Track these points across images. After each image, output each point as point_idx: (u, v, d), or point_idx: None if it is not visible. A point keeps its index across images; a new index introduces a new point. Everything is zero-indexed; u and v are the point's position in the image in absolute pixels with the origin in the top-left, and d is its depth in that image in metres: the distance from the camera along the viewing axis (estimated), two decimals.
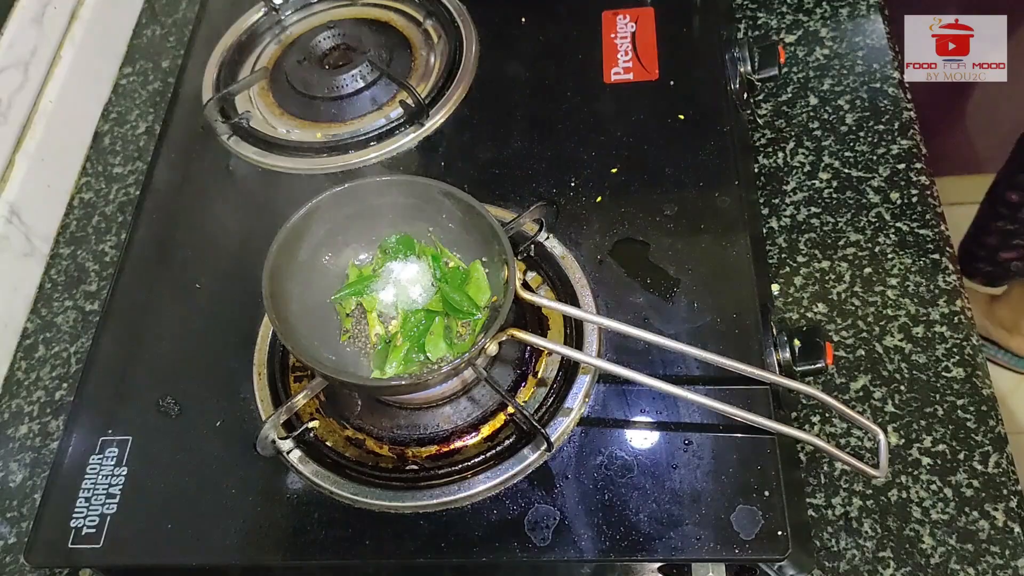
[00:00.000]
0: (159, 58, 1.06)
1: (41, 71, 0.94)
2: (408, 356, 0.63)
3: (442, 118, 0.84)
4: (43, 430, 0.81)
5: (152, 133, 0.99)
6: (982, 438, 0.67)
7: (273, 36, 0.96)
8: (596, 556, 0.58)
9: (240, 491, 0.65)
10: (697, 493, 0.59)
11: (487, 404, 0.66)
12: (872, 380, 0.71)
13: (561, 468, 0.62)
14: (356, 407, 0.67)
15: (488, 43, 0.88)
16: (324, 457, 0.65)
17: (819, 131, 0.84)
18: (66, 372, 0.84)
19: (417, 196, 0.66)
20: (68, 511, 0.65)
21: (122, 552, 0.64)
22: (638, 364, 0.64)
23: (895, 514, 0.66)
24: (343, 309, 0.67)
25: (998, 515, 0.64)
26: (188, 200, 0.84)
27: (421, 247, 0.68)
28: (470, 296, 0.64)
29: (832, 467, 0.68)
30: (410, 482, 0.63)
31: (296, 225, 0.63)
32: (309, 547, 0.62)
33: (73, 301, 0.89)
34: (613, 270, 0.70)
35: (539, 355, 0.67)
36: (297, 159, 0.84)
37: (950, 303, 0.74)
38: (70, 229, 0.94)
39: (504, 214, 0.73)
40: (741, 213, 0.70)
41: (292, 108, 0.88)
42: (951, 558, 0.63)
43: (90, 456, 0.68)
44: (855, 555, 0.65)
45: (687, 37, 0.83)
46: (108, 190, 0.96)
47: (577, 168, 0.76)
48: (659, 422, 0.63)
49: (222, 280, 0.77)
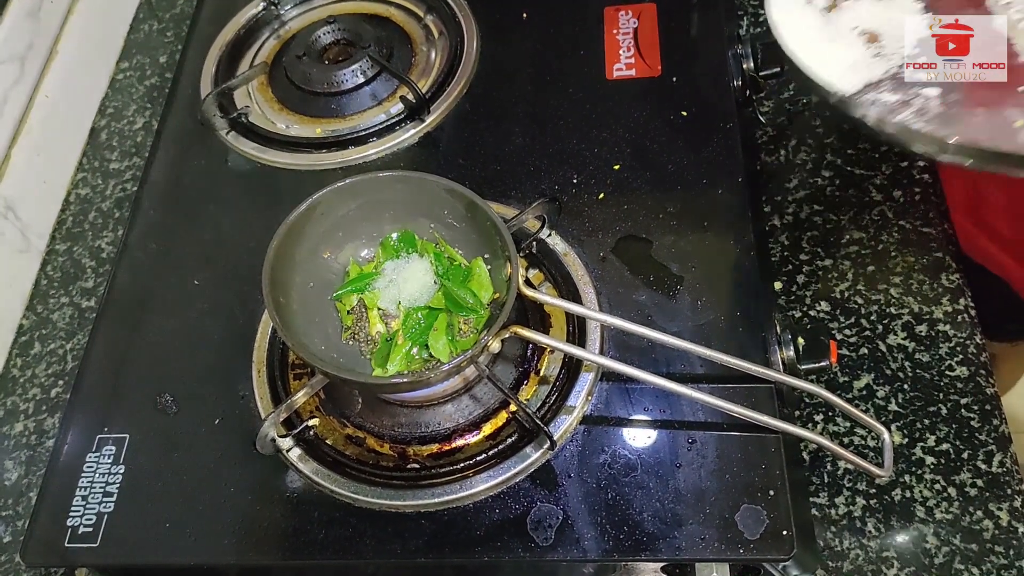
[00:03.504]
0: (156, 53, 1.06)
1: (37, 66, 0.93)
2: (410, 354, 0.62)
3: (443, 114, 0.83)
4: (39, 428, 0.80)
5: (149, 128, 0.98)
6: (986, 437, 0.67)
7: (272, 31, 0.95)
8: (599, 556, 0.58)
9: (239, 490, 0.64)
10: (701, 492, 0.59)
11: (489, 402, 0.65)
12: (875, 379, 0.71)
13: (564, 467, 0.61)
14: (357, 405, 0.67)
15: (489, 38, 0.88)
16: (324, 455, 0.65)
17: (821, 128, 0.84)
18: (62, 369, 0.84)
19: (418, 192, 0.66)
20: (64, 510, 0.65)
21: (119, 551, 0.63)
22: (641, 362, 0.64)
23: (899, 513, 0.65)
24: (344, 306, 0.66)
25: (1002, 515, 0.64)
26: (186, 196, 0.83)
27: (423, 243, 0.67)
28: (474, 292, 0.63)
29: (836, 466, 0.68)
30: (411, 481, 0.63)
31: (296, 221, 0.63)
32: (309, 547, 0.61)
33: (69, 297, 0.88)
34: (616, 267, 0.70)
35: (541, 353, 0.67)
36: (296, 155, 0.83)
37: (953, 301, 0.73)
38: (66, 225, 0.93)
39: (506, 211, 0.72)
40: (744, 210, 0.70)
41: (291, 103, 0.87)
42: (955, 558, 0.63)
43: (87, 454, 0.67)
44: (859, 555, 0.64)
45: (690, 34, 0.83)
46: (105, 186, 0.95)
47: (579, 165, 0.76)
48: (662, 420, 0.62)
49: (220, 277, 0.76)
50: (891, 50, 0.63)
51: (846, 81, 0.61)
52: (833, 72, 0.62)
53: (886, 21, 0.65)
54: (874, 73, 0.62)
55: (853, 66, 0.62)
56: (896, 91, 0.60)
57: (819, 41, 0.64)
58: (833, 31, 0.64)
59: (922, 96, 0.60)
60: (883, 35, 0.64)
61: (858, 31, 0.64)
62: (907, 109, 0.59)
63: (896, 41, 0.63)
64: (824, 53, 0.63)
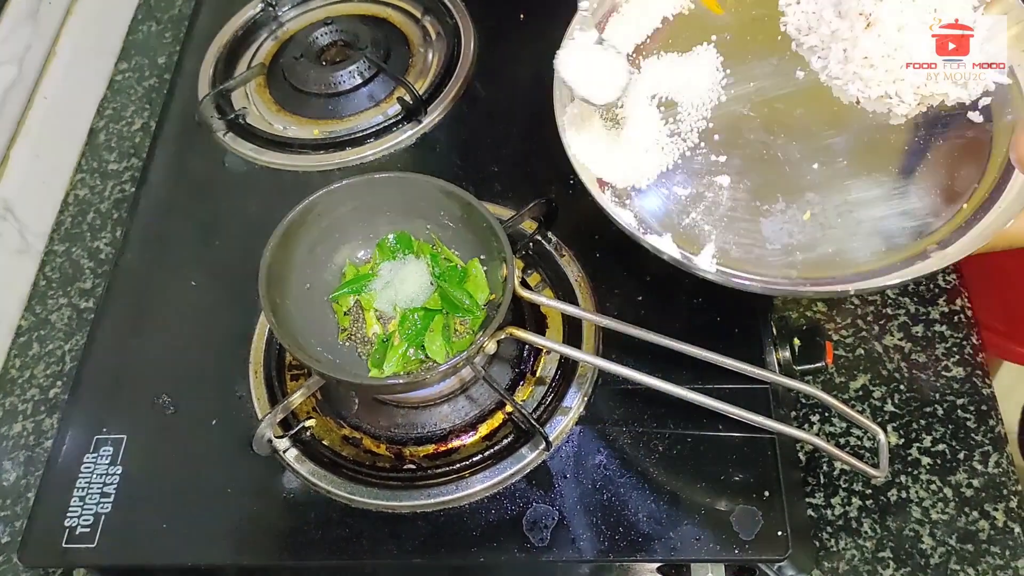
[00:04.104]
0: (155, 54, 1.06)
1: (36, 66, 0.93)
2: (406, 355, 0.62)
3: (440, 115, 0.83)
4: (37, 428, 0.80)
5: (148, 129, 0.98)
6: (982, 438, 0.67)
7: (270, 32, 0.95)
8: (595, 556, 0.58)
9: (236, 490, 0.64)
10: (696, 493, 0.59)
11: (485, 403, 0.65)
12: (872, 379, 0.71)
13: (560, 467, 0.61)
14: (353, 406, 0.67)
15: (486, 39, 0.88)
16: (321, 456, 0.65)
17: None
18: (60, 370, 0.84)
19: (415, 193, 0.66)
20: (62, 510, 0.65)
21: (116, 552, 0.63)
22: (637, 363, 0.63)
23: (895, 514, 0.65)
24: (340, 307, 0.66)
25: (998, 515, 0.64)
26: (184, 197, 0.83)
27: (419, 245, 0.67)
28: (470, 293, 0.63)
29: (831, 467, 0.68)
30: (407, 481, 0.63)
31: (293, 222, 0.63)
32: (305, 547, 0.61)
33: (68, 298, 0.88)
34: (612, 268, 0.70)
35: (538, 354, 0.67)
36: (294, 156, 0.83)
37: (950, 302, 0.73)
38: (65, 226, 0.93)
39: (502, 211, 0.72)
40: None
41: (289, 104, 0.88)
42: (951, 558, 0.63)
43: (84, 455, 0.67)
44: (854, 555, 0.64)
45: None
46: (103, 187, 0.95)
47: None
48: (658, 421, 0.62)
49: (218, 278, 0.77)
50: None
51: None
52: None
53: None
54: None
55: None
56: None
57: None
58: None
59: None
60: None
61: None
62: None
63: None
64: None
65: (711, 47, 0.66)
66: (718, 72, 0.65)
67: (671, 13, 0.68)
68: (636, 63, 0.66)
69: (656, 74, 0.65)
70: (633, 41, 0.68)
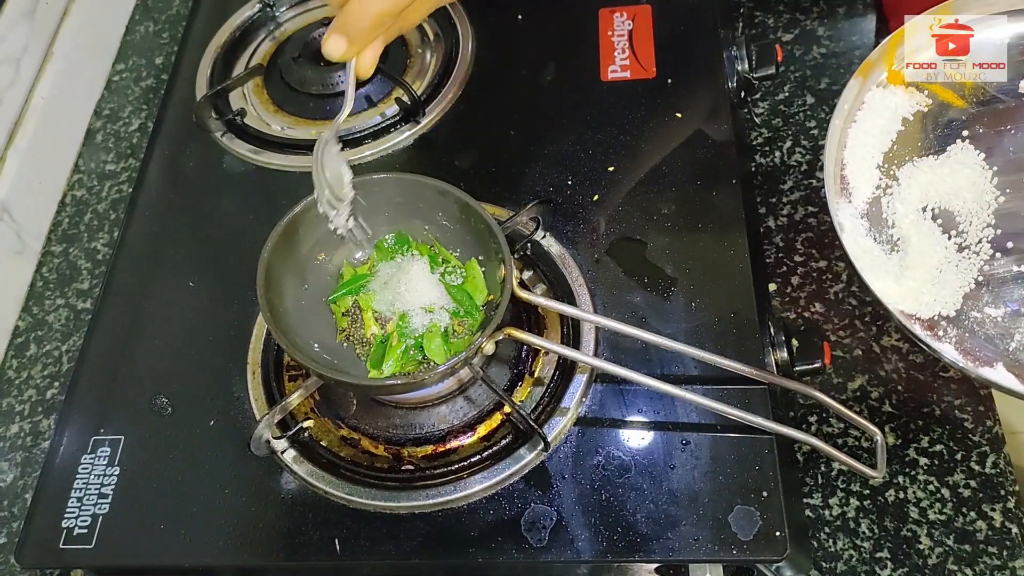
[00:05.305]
0: (152, 54, 1.06)
1: (33, 67, 0.93)
2: (405, 355, 0.62)
3: (438, 116, 0.83)
4: (34, 429, 0.80)
5: (145, 130, 0.98)
6: (979, 438, 0.67)
7: (268, 32, 0.95)
8: (593, 557, 0.58)
9: (234, 491, 0.64)
10: (695, 493, 0.59)
11: (483, 404, 0.65)
12: (869, 380, 0.71)
13: (558, 468, 0.61)
14: (351, 406, 0.67)
15: (484, 40, 0.88)
16: (319, 457, 0.65)
17: (816, 130, 0.84)
18: (58, 371, 0.83)
19: (413, 194, 0.66)
20: (59, 511, 0.65)
21: (114, 553, 0.63)
22: (635, 363, 0.64)
23: (892, 514, 0.65)
24: (339, 308, 0.66)
25: (996, 515, 0.64)
26: (181, 198, 0.83)
27: (417, 245, 0.67)
28: (469, 294, 0.63)
29: (829, 467, 0.68)
30: (406, 482, 0.63)
31: (291, 223, 0.63)
32: (303, 548, 0.61)
33: (65, 299, 0.88)
34: (610, 269, 0.70)
35: (536, 354, 0.67)
36: (292, 156, 0.83)
37: None
38: (62, 227, 0.93)
39: (501, 212, 0.72)
40: (739, 212, 0.70)
41: (287, 105, 0.88)
42: (948, 558, 0.63)
43: (82, 456, 0.67)
44: (852, 555, 0.64)
45: (684, 35, 0.83)
46: (101, 187, 0.95)
47: (574, 166, 0.76)
48: (656, 422, 0.62)
49: (216, 278, 0.76)
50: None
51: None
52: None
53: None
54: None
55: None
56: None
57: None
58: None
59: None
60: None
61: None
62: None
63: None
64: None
65: (967, 144, 0.61)
66: (985, 170, 0.60)
67: (909, 113, 0.64)
68: (891, 174, 0.62)
69: (919, 183, 0.61)
70: (880, 150, 0.64)
